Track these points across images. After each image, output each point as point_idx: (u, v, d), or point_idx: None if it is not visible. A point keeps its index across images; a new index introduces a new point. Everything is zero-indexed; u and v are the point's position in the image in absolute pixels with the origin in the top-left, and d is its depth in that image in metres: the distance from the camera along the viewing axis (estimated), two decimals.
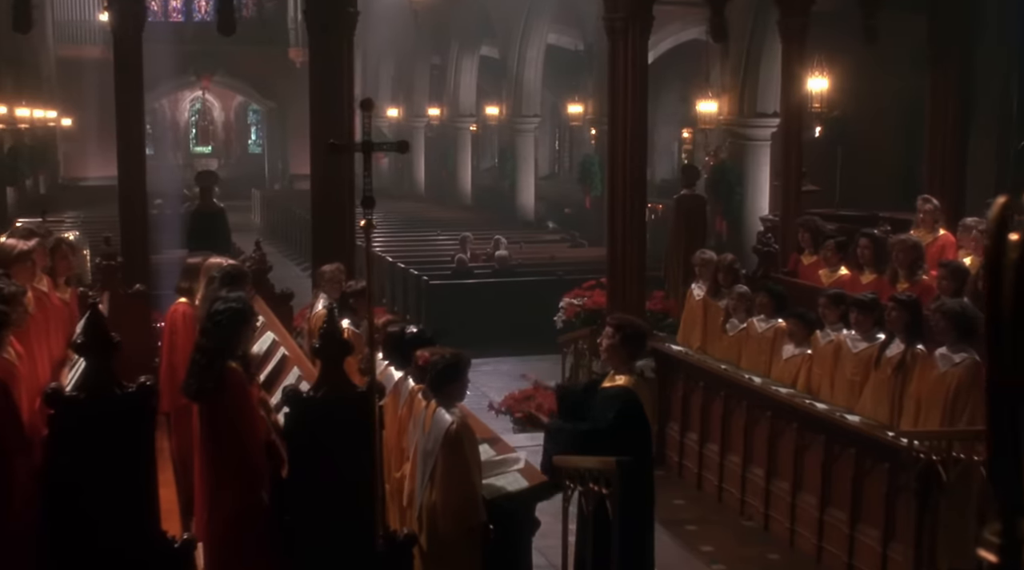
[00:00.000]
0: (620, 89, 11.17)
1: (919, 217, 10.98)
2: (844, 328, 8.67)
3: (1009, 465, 1.83)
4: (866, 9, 12.28)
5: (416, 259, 19.30)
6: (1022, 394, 1.75)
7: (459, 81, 29.61)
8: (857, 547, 7.94)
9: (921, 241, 9.79)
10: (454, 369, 6.51)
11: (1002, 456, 1.79)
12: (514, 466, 6.90)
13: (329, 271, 9.71)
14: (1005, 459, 1.80)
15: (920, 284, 9.31)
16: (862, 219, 12.30)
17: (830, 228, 11.10)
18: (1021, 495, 1.82)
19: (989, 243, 1.70)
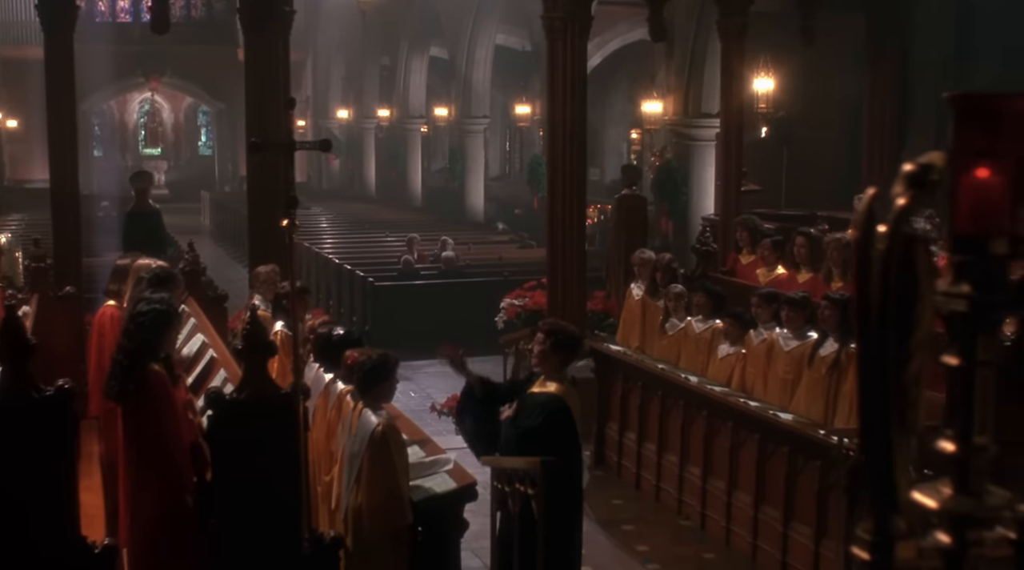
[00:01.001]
0: (559, 89, 11.15)
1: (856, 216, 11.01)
2: (777, 327, 8.70)
3: (881, 461, 1.80)
4: (803, 10, 12.33)
5: (363, 260, 19.21)
6: (893, 389, 1.72)
7: (408, 82, 29.52)
8: (791, 545, 7.95)
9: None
10: (381, 370, 6.45)
11: (874, 452, 1.77)
12: (443, 467, 6.85)
13: (264, 272, 9.63)
14: (877, 455, 1.78)
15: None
16: (802, 218, 12.36)
17: (768, 227, 11.14)
18: (893, 492, 1.80)
19: (858, 235, 1.67)
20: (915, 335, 1.65)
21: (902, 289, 1.62)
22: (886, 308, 1.63)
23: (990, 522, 1.66)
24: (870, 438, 1.73)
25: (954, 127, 1.57)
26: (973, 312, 1.60)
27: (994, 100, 1.58)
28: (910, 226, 1.61)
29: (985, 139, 1.57)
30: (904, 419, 1.73)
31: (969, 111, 1.58)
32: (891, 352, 1.67)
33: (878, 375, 1.69)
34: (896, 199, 1.67)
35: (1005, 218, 1.60)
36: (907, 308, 1.64)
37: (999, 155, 1.58)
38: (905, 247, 1.60)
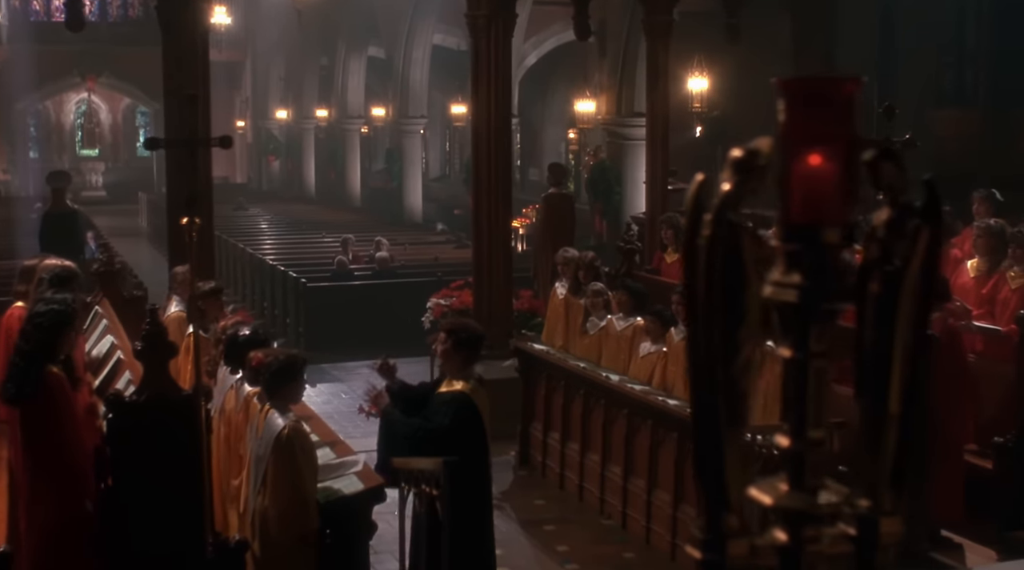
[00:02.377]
0: (483, 88, 11.09)
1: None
2: None
3: (712, 457, 1.75)
4: (728, 8, 12.35)
5: (300, 262, 19.07)
6: (722, 381, 1.66)
7: (347, 82, 29.33)
8: None
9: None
10: (287, 372, 6.35)
11: (705, 447, 1.71)
12: (352, 469, 6.77)
13: (181, 272, 9.49)
14: (708, 451, 1.72)
15: None
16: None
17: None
18: (725, 489, 1.74)
19: (686, 223, 1.60)
20: (744, 324, 1.60)
21: (729, 277, 1.56)
22: (712, 297, 1.57)
23: (827, 518, 1.62)
24: (700, 433, 1.67)
25: (784, 113, 1.51)
26: (804, 303, 1.54)
27: (824, 84, 1.53)
28: (736, 213, 1.55)
29: (816, 125, 1.52)
30: (734, 413, 1.68)
31: (799, 96, 1.52)
32: (719, 342, 1.61)
33: (707, 367, 1.63)
34: (722, 185, 1.61)
35: (837, 206, 1.54)
36: (735, 297, 1.58)
37: (830, 141, 1.52)
38: (730, 234, 1.55)
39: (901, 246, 1.56)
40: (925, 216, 1.56)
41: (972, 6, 13.02)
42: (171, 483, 6.14)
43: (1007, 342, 8.51)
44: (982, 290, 9.17)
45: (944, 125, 13.36)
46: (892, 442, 1.69)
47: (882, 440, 1.70)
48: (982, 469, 8.25)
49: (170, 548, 6.15)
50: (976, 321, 8.94)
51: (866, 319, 1.63)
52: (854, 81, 1.53)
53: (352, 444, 8.07)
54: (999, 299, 9.01)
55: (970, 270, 9.39)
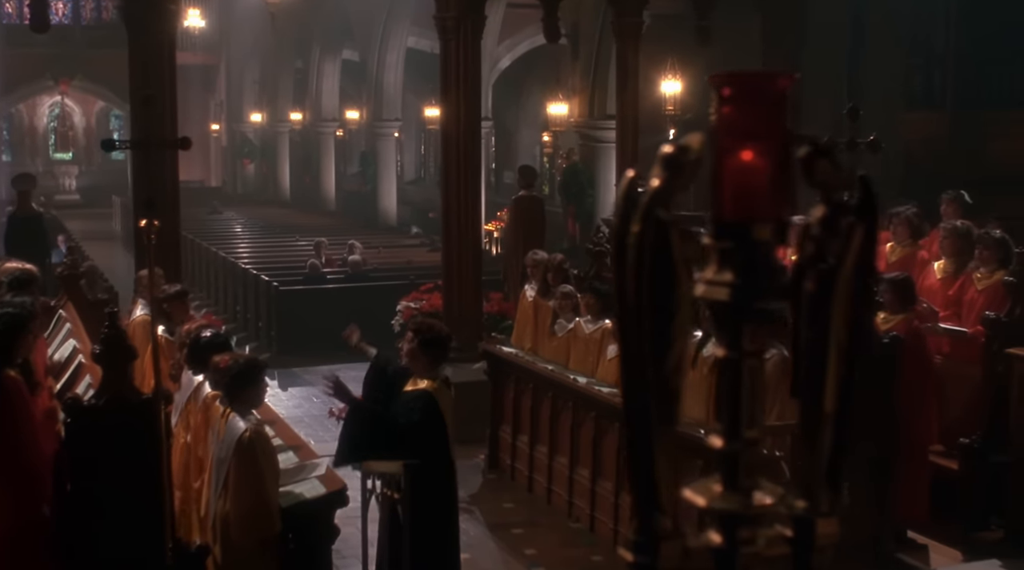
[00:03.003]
0: (453, 90, 11.05)
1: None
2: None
3: (643, 458, 1.72)
4: (698, 11, 12.36)
5: (272, 265, 19.01)
6: (653, 381, 1.63)
7: (321, 85, 29.25)
8: None
9: None
10: (248, 375, 6.29)
11: (636, 448, 1.68)
12: (314, 472, 6.73)
13: (146, 276, 9.40)
14: (639, 452, 1.69)
15: None
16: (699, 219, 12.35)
17: None
18: (656, 490, 1.71)
19: (616, 221, 1.57)
20: (674, 323, 1.57)
21: (659, 275, 1.53)
22: (641, 295, 1.54)
23: (762, 519, 1.59)
24: (631, 433, 1.64)
25: (717, 108, 1.49)
26: (736, 301, 1.52)
27: (756, 80, 1.51)
28: (666, 210, 1.52)
29: (748, 120, 1.49)
30: (666, 413, 1.65)
31: (731, 92, 1.50)
32: (649, 341, 1.58)
33: (638, 366, 1.60)
34: (651, 181, 1.59)
35: (769, 202, 1.52)
36: (665, 295, 1.55)
37: (763, 137, 1.50)
38: (660, 232, 1.52)
39: (835, 244, 1.54)
40: (860, 213, 1.54)
41: (940, 9, 13.05)
42: (131, 487, 6.09)
43: (973, 343, 8.53)
44: (949, 292, 9.18)
45: (913, 127, 13.39)
46: (828, 441, 1.66)
47: (818, 439, 1.68)
48: (948, 470, 8.27)
49: (130, 553, 6.10)
50: (943, 322, 8.96)
51: (801, 318, 1.61)
52: (786, 76, 1.50)
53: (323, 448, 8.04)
54: (965, 300, 9.03)
55: (937, 272, 9.40)
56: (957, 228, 9.29)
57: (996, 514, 8.14)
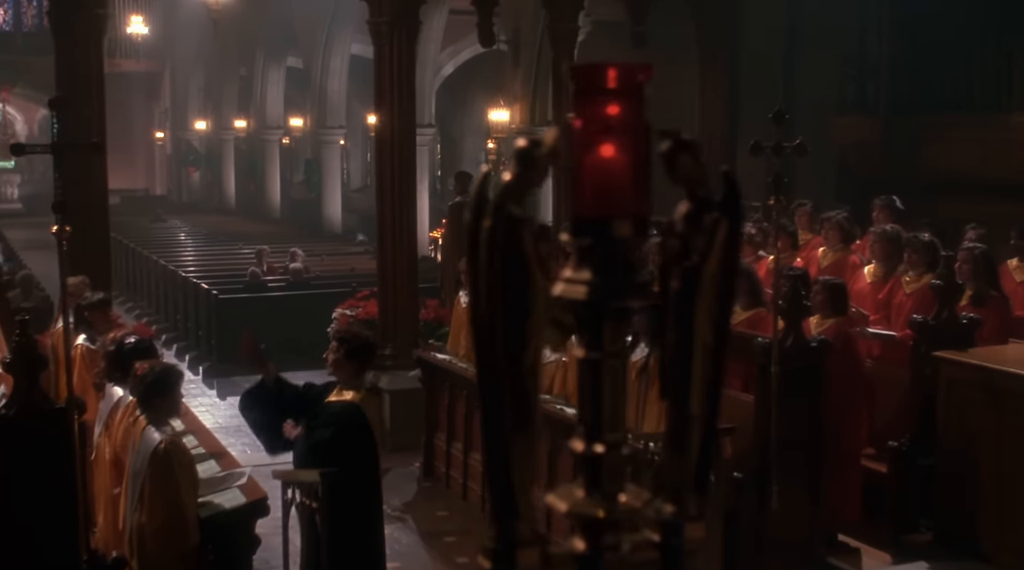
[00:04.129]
0: (387, 95, 10.98)
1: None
2: None
3: (499, 462, 1.66)
4: (633, 17, 12.37)
5: (215, 273, 18.86)
6: (506, 381, 1.57)
7: (265, 92, 29.02)
8: None
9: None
10: (162, 384, 6.20)
11: (491, 452, 1.62)
12: (235, 482, 6.63)
13: (73, 284, 9.22)
14: (494, 455, 1.63)
15: None
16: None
17: None
18: (513, 496, 1.66)
19: (470, 218, 1.51)
20: (529, 322, 1.51)
21: (512, 273, 1.48)
22: (494, 293, 1.49)
23: (627, 524, 1.54)
24: (486, 436, 1.58)
25: (575, 102, 1.43)
26: (596, 300, 1.46)
27: (615, 72, 1.45)
28: (518, 205, 1.47)
29: (607, 114, 1.44)
30: (521, 414, 1.59)
31: (589, 84, 1.44)
32: (503, 341, 1.52)
33: (491, 366, 1.55)
34: (503, 177, 1.53)
35: (629, 198, 1.46)
36: (519, 294, 1.49)
37: (622, 131, 1.44)
38: (512, 228, 1.46)
39: (699, 241, 1.50)
40: (724, 210, 1.49)
41: (873, 16, 13.15)
42: (44, 499, 5.96)
43: (902, 347, 8.57)
44: (878, 295, 9.23)
45: (846, 132, 13.47)
46: (695, 444, 1.62)
47: (685, 442, 1.63)
48: (878, 473, 8.29)
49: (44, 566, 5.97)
50: (873, 326, 9.00)
51: (667, 317, 1.56)
52: (645, 68, 1.45)
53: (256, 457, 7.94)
54: (895, 304, 9.08)
55: (867, 275, 9.45)
56: (886, 232, 9.34)
57: (925, 516, 8.18)
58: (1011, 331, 8.80)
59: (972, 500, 7.73)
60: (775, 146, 7.40)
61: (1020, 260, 9.49)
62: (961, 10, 12.34)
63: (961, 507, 7.81)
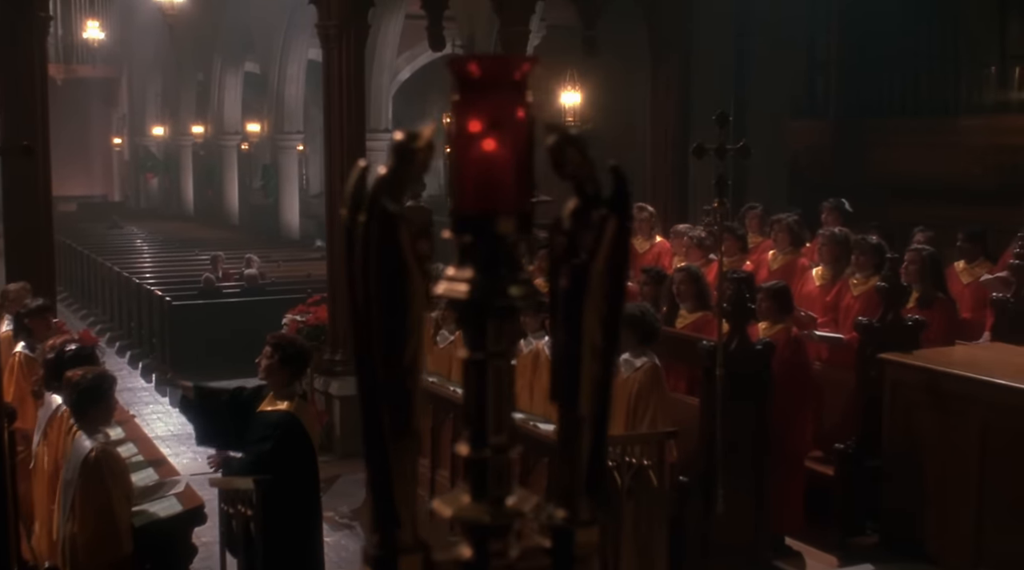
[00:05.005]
0: (335, 100, 10.90)
1: (635, 225, 11.09)
2: (545, 335, 8.59)
3: (379, 468, 1.61)
4: (585, 21, 12.35)
5: (170, 280, 18.71)
6: (383, 383, 1.51)
7: (223, 98, 28.83)
8: None
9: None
10: (94, 391, 6.08)
11: (371, 457, 1.56)
12: (172, 490, 6.53)
13: (13, 290, 9.15)
14: (374, 461, 1.57)
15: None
16: None
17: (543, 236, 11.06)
18: (393, 502, 1.60)
19: (346, 213, 1.45)
20: (407, 321, 1.45)
21: (388, 269, 1.42)
22: (369, 291, 1.43)
23: (514, 530, 1.48)
24: (369, 446, 1.52)
25: (456, 94, 1.37)
26: (478, 299, 1.40)
27: (496, 65, 1.39)
28: (395, 200, 1.41)
29: (488, 107, 1.38)
30: (400, 418, 1.53)
31: (469, 76, 1.38)
32: (379, 341, 1.46)
33: (370, 369, 1.49)
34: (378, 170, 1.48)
35: (511, 193, 1.41)
36: (395, 290, 1.43)
37: (504, 125, 1.38)
38: (387, 223, 1.40)
39: (587, 238, 1.45)
40: (612, 206, 1.44)
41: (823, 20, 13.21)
42: None
43: (850, 349, 8.57)
44: (827, 298, 9.23)
45: (798, 136, 13.53)
46: (586, 447, 1.56)
47: (576, 445, 1.58)
48: (825, 476, 8.29)
49: None
50: (821, 329, 9.00)
51: (555, 317, 1.51)
52: (528, 60, 1.40)
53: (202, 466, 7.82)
54: (842, 306, 9.08)
55: (815, 278, 9.46)
56: (834, 235, 9.35)
57: (872, 519, 8.18)
58: (958, 333, 8.83)
59: (916, 502, 7.74)
60: (718, 148, 7.39)
61: (967, 262, 9.51)
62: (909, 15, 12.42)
63: (906, 509, 7.82)
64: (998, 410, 7.23)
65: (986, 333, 8.74)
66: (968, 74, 11.71)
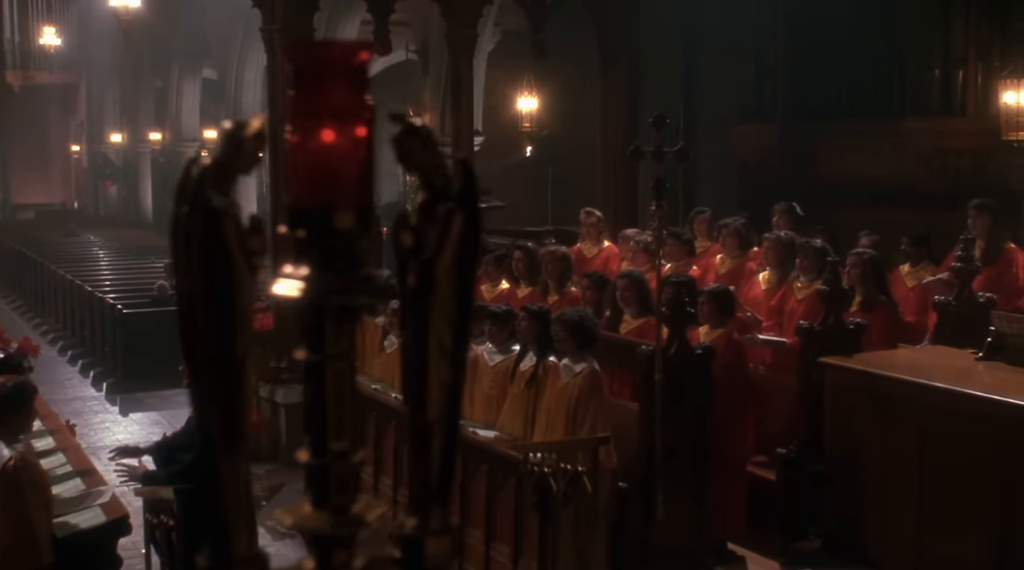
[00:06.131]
0: (281, 106, 10.77)
1: (583, 230, 11.05)
2: (487, 341, 8.50)
3: (214, 477, 1.52)
4: (533, 25, 12.30)
5: (125, 288, 18.56)
6: (211, 385, 1.42)
7: (181, 104, 28.60)
8: (492, 566, 7.74)
9: (568, 252, 9.78)
10: (13, 399, 5.98)
11: (205, 466, 1.47)
12: (97, 500, 6.41)
13: None
14: (209, 470, 1.49)
15: (568, 295, 9.27)
16: (539, 234, 12.30)
17: (495, 242, 11.00)
18: (226, 513, 1.52)
19: (173, 206, 1.36)
20: (235, 319, 1.36)
21: (213, 263, 1.33)
22: (195, 286, 1.34)
23: (356, 540, 1.40)
24: (201, 446, 1.43)
25: (292, 84, 1.28)
26: (315, 298, 1.32)
27: (330, 51, 1.31)
28: (220, 192, 1.32)
29: (327, 97, 1.29)
30: (229, 421, 1.45)
31: (303, 64, 1.30)
32: (204, 340, 1.37)
33: (200, 372, 1.39)
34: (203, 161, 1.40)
35: (350, 186, 1.32)
36: (223, 286, 1.35)
37: (343, 115, 1.30)
38: (211, 215, 1.31)
39: (433, 233, 1.36)
40: (460, 199, 1.36)
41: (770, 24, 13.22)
42: None
43: (793, 353, 8.53)
44: (772, 301, 9.20)
45: (746, 140, 13.53)
46: (436, 452, 1.48)
47: (426, 449, 1.49)
48: (768, 481, 8.25)
49: None
50: (766, 332, 8.97)
51: (404, 316, 1.43)
52: (363, 46, 1.32)
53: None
54: (787, 310, 9.05)
55: (761, 282, 9.42)
56: (779, 238, 9.32)
57: (814, 523, 8.13)
58: (901, 336, 8.81)
59: (858, 506, 7.70)
60: (656, 151, 7.32)
61: (911, 266, 9.50)
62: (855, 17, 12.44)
63: (848, 514, 7.79)
64: (936, 414, 7.20)
65: (928, 336, 8.72)
66: (913, 77, 11.72)
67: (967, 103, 11.15)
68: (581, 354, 7.44)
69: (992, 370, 7.56)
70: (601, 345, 7.79)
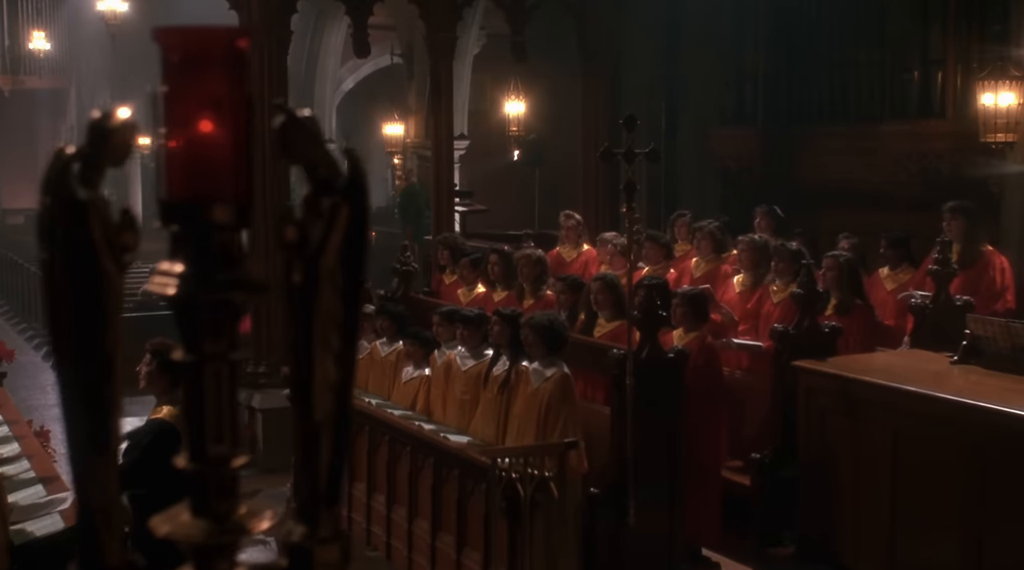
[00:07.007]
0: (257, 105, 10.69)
1: (562, 233, 11.00)
2: (459, 345, 8.44)
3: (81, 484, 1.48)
4: (513, 27, 12.26)
5: None
6: (80, 392, 1.36)
7: None
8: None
9: (543, 256, 9.72)
10: None
11: (74, 471, 1.42)
12: (57, 507, 6.33)
13: None
14: (77, 475, 1.44)
15: (544, 299, 9.21)
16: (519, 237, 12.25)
17: (473, 245, 10.94)
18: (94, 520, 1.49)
19: (40, 201, 1.30)
20: (101, 317, 1.30)
21: (78, 259, 1.27)
22: (59, 283, 1.27)
23: (238, 548, 1.36)
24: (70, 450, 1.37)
25: (164, 72, 1.22)
26: (189, 295, 1.25)
27: (204, 36, 1.24)
28: (87, 185, 1.26)
29: (199, 83, 1.23)
30: (96, 425, 1.39)
31: (176, 50, 1.23)
32: (68, 341, 1.31)
33: (67, 371, 1.33)
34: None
35: (227, 179, 1.26)
36: (89, 283, 1.28)
37: (216, 103, 1.23)
38: (75, 208, 1.25)
39: (318, 228, 1.30)
40: (346, 193, 1.29)
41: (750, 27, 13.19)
42: None
43: (768, 357, 8.47)
44: (747, 305, 9.13)
45: (727, 143, 13.49)
46: (324, 456, 1.42)
47: (314, 454, 1.44)
48: (742, 486, 8.19)
49: None
50: (741, 336, 8.91)
51: (290, 316, 1.36)
52: (241, 33, 1.25)
53: None
54: (762, 313, 8.99)
55: (736, 285, 9.36)
56: (753, 241, 9.27)
57: (789, 529, 8.07)
58: (878, 340, 8.75)
59: (832, 511, 7.64)
60: (626, 153, 7.27)
61: (890, 269, 9.44)
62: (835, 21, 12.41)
63: (822, 519, 7.72)
64: (909, 417, 7.13)
65: (906, 339, 8.66)
66: (892, 79, 11.68)
67: (946, 105, 11.11)
68: (551, 358, 7.38)
69: (966, 373, 7.49)
70: (574, 349, 7.73)
